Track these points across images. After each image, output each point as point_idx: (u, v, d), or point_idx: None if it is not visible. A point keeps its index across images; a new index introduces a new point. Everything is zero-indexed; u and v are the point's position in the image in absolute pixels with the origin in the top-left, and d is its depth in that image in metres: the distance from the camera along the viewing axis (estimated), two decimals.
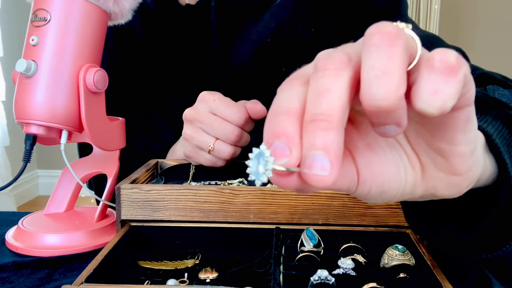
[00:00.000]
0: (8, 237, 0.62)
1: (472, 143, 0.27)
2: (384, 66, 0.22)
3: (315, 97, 0.24)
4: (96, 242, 0.61)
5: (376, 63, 0.22)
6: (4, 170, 2.51)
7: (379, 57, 0.22)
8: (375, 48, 0.23)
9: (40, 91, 0.58)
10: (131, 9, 0.64)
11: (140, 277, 0.50)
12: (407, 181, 0.29)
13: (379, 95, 0.22)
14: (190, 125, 0.65)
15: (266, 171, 0.24)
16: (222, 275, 0.49)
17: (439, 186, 0.29)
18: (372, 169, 0.28)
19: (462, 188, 0.29)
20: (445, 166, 0.28)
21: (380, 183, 0.28)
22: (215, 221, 0.55)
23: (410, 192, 0.29)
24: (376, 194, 0.29)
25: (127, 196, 0.54)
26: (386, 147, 0.29)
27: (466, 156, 0.27)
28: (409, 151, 0.29)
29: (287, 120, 0.24)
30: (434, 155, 0.28)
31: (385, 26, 0.23)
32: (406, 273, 0.46)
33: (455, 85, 0.23)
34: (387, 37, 0.23)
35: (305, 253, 0.49)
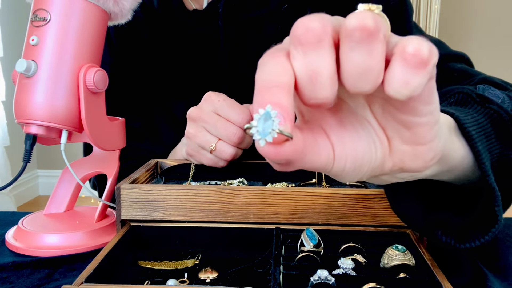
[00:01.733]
0: (8, 237, 0.62)
1: (435, 114, 0.29)
2: (366, 63, 0.24)
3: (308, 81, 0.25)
4: (96, 242, 0.61)
5: (358, 60, 0.24)
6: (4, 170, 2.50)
7: (361, 55, 0.24)
8: (357, 45, 0.24)
9: (40, 91, 0.58)
10: (131, 9, 0.64)
11: (140, 277, 0.50)
12: (377, 156, 0.30)
13: (363, 88, 0.25)
14: (193, 123, 0.65)
15: (272, 131, 0.24)
16: (222, 275, 0.49)
17: (405, 159, 0.30)
18: (345, 145, 0.29)
19: (427, 159, 0.30)
20: (409, 137, 0.29)
21: (354, 158, 0.29)
22: (215, 221, 0.55)
23: (380, 166, 0.31)
24: (350, 170, 0.30)
25: (127, 196, 0.54)
26: (357, 123, 0.30)
27: (429, 126, 0.29)
28: (376, 127, 0.30)
29: (281, 94, 0.24)
30: (399, 128, 0.29)
31: (364, 20, 0.23)
32: (406, 273, 0.46)
33: (425, 75, 0.25)
34: (367, 33, 0.23)
35: (305, 253, 0.49)
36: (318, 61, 0.25)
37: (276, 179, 0.66)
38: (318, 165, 0.29)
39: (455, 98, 0.41)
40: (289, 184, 0.65)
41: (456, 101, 0.40)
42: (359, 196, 0.53)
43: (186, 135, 0.66)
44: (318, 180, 0.67)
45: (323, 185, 0.66)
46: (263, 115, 0.25)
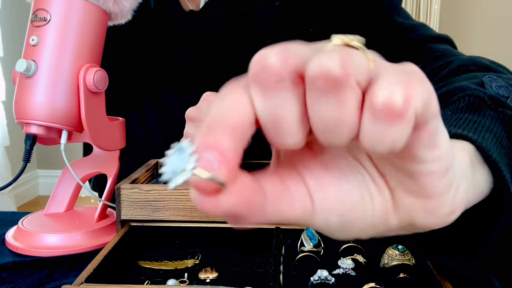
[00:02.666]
0: (8, 237, 0.62)
1: (444, 160, 0.23)
2: (335, 117, 0.20)
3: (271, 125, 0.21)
4: (96, 242, 0.61)
5: (326, 113, 0.20)
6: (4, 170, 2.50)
7: (328, 107, 0.20)
8: (322, 95, 0.20)
9: (40, 91, 0.58)
10: (131, 9, 0.64)
11: (140, 277, 0.50)
12: (375, 210, 0.25)
13: (336, 142, 0.21)
14: (192, 124, 0.65)
15: (184, 170, 0.20)
16: (222, 275, 0.49)
17: (415, 215, 0.24)
18: (327, 194, 0.24)
19: (442, 215, 0.24)
20: (415, 188, 0.24)
21: (340, 211, 0.24)
22: (215, 221, 0.55)
23: (383, 223, 0.25)
24: (339, 225, 0.25)
25: (127, 196, 0.54)
26: (347, 168, 0.25)
27: (439, 174, 0.23)
28: (374, 173, 0.25)
29: (224, 134, 0.20)
30: (402, 176, 0.24)
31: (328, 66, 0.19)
32: (406, 273, 0.46)
33: (403, 127, 0.20)
34: (332, 83, 0.19)
35: (305, 253, 0.49)
36: (280, 104, 0.21)
37: None
38: (290, 218, 0.24)
39: (465, 102, 0.36)
40: None
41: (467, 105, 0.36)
42: None
43: (185, 136, 0.66)
44: None
45: None
46: (176, 150, 0.20)
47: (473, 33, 2.68)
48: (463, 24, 2.68)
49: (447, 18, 2.64)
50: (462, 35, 2.67)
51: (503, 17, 2.65)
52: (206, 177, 0.19)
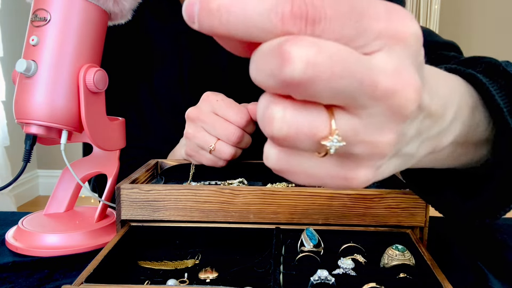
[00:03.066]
0: (8, 237, 0.62)
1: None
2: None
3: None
4: (96, 242, 0.61)
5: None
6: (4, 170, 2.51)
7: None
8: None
9: (40, 91, 0.58)
10: (131, 9, 0.64)
11: (140, 277, 0.50)
12: None
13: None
14: (192, 124, 0.65)
15: None
16: (222, 275, 0.49)
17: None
18: None
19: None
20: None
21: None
22: (215, 221, 0.55)
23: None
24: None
25: (127, 196, 0.54)
26: None
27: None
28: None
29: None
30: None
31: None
32: (406, 273, 0.46)
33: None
34: None
35: (305, 253, 0.49)
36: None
37: (276, 179, 0.66)
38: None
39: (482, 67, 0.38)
40: (289, 184, 0.65)
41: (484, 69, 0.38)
42: (359, 196, 0.53)
43: (185, 136, 0.66)
44: None
45: None
46: None
47: (473, 33, 2.68)
48: (463, 24, 2.68)
49: (447, 18, 2.64)
50: (462, 35, 2.67)
51: (503, 17, 2.65)
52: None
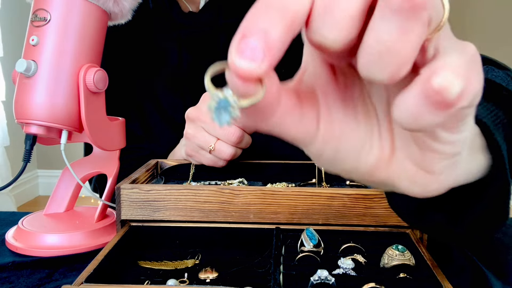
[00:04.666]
0: (8, 237, 0.62)
1: (457, 146, 0.23)
2: (393, 41, 0.18)
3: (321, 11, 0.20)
4: (96, 242, 0.61)
5: (384, 34, 0.18)
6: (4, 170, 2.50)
7: (390, 28, 0.18)
8: (390, 14, 0.18)
9: (40, 91, 0.58)
10: (131, 9, 0.64)
11: (140, 277, 0.49)
12: (368, 160, 0.25)
13: (377, 74, 0.19)
14: (192, 124, 0.65)
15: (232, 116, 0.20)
16: (222, 275, 0.49)
17: (402, 178, 0.24)
18: (334, 128, 0.24)
19: (428, 189, 0.25)
20: (418, 158, 0.23)
21: (337, 148, 0.24)
22: (215, 221, 0.54)
23: (368, 173, 0.25)
24: (329, 159, 0.25)
25: (127, 196, 0.54)
26: (362, 113, 0.24)
27: (444, 156, 0.23)
28: (385, 129, 0.24)
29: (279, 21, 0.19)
30: (410, 143, 0.23)
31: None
32: (406, 273, 0.46)
33: (443, 117, 0.19)
34: (409, 4, 0.18)
35: (305, 253, 0.49)
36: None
37: (276, 179, 0.66)
38: (291, 135, 0.23)
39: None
40: (289, 184, 0.65)
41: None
42: (359, 196, 0.53)
43: (185, 136, 0.66)
44: (318, 180, 0.67)
45: (323, 185, 0.66)
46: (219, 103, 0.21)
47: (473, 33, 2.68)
48: (463, 24, 2.68)
49: None
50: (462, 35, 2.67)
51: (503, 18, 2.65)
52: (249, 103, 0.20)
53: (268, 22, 0.18)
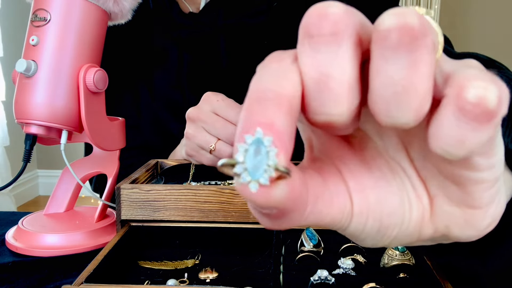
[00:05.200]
0: (8, 237, 0.62)
1: (497, 168, 0.20)
2: (406, 79, 0.17)
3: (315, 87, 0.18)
4: (96, 242, 0.61)
5: (394, 75, 0.17)
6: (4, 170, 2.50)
7: (398, 67, 0.17)
8: (393, 53, 0.17)
9: (40, 91, 0.58)
10: (131, 9, 0.64)
11: (140, 277, 0.50)
12: (412, 218, 0.22)
13: (400, 118, 0.18)
14: (192, 124, 0.65)
15: (268, 168, 0.17)
16: (222, 275, 0.49)
17: (452, 225, 0.22)
18: (368, 196, 0.22)
19: (481, 228, 0.22)
20: (460, 197, 0.21)
21: (378, 215, 0.22)
22: (215, 221, 0.54)
23: (416, 232, 0.23)
24: (373, 230, 0.22)
25: (127, 196, 0.54)
26: (387, 170, 0.22)
27: (488, 184, 0.21)
28: (414, 178, 0.22)
29: (278, 110, 0.17)
30: (446, 183, 0.21)
31: (406, 17, 0.16)
32: (406, 273, 0.46)
33: (489, 132, 0.17)
34: (409, 36, 0.16)
35: (305, 253, 0.49)
36: (331, 60, 0.18)
37: None
38: (327, 220, 0.21)
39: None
40: None
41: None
42: None
43: (185, 136, 0.66)
44: None
45: None
46: (253, 145, 0.17)
47: (473, 34, 2.68)
48: (463, 24, 2.68)
49: (447, 18, 2.64)
50: (462, 35, 2.67)
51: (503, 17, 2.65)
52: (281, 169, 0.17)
53: (268, 114, 0.17)
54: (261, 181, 0.17)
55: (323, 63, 0.18)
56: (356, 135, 0.23)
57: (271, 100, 0.17)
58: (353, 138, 0.23)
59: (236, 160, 0.17)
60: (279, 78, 0.18)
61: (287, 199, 0.18)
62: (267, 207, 0.18)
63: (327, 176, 0.22)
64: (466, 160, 0.19)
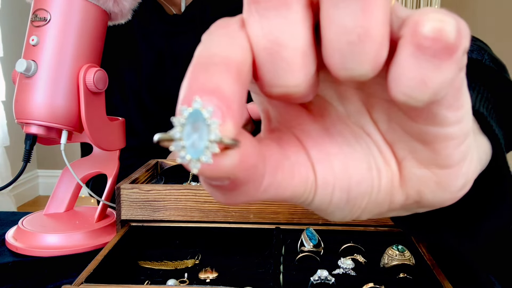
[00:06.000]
0: (8, 237, 0.62)
1: (466, 122, 0.19)
2: (360, 24, 0.16)
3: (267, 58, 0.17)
4: (96, 242, 0.61)
5: (346, 20, 0.16)
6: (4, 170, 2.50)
7: (350, 12, 0.15)
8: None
9: (40, 91, 0.58)
10: (131, 9, 0.64)
11: (140, 277, 0.50)
12: (381, 185, 0.21)
13: (357, 68, 0.16)
14: None
15: (210, 144, 0.15)
16: (222, 275, 0.49)
17: (424, 189, 0.21)
18: (332, 165, 0.20)
19: (454, 189, 0.21)
20: (429, 157, 0.20)
21: (346, 184, 0.20)
22: (215, 221, 0.55)
23: (387, 200, 0.21)
24: (342, 202, 0.21)
25: (127, 196, 0.54)
26: (350, 136, 0.21)
27: (458, 140, 0.19)
28: (380, 142, 0.21)
29: (224, 74, 0.16)
30: (414, 143, 0.20)
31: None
32: (406, 273, 0.46)
33: (452, 68, 0.16)
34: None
35: (305, 253, 0.49)
36: (281, 26, 0.16)
37: None
38: (289, 193, 0.19)
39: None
40: None
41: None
42: None
43: None
44: None
45: None
46: (190, 117, 0.15)
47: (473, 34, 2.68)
48: None
49: None
50: None
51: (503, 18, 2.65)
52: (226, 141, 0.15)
53: (214, 79, 0.15)
54: (202, 159, 0.15)
55: (273, 30, 0.16)
56: (315, 102, 0.21)
57: (218, 65, 0.16)
58: (312, 105, 0.21)
59: (173, 136, 0.15)
60: (226, 43, 0.17)
61: (238, 169, 0.16)
62: (216, 178, 0.16)
63: (286, 146, 0.20)
64: (432, 114, 0.18)
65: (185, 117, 0.15)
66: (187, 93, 0.15)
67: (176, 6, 0.83)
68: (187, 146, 0.15)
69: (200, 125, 0.15)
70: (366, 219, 0.22)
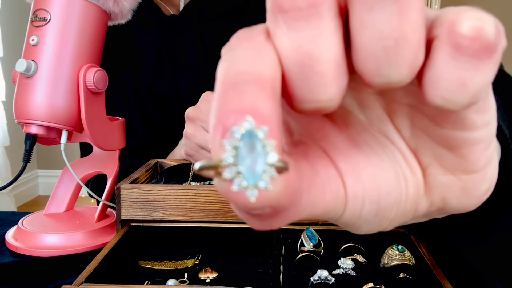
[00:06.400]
0: (8, 237, 0.62)
1: (492, 126, 0.18)
2: (397, 30, 0.15)
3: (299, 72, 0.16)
4: (96, 242, 0.61)
5: (383, 26, 0.15)
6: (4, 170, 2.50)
7: (386, 16, 0.15)
8: (378, 3, 0.14)
9: (40, 91, 0.58)
10: (131, 9, 0.64)
11: (140, 277, 0.50)
12: (409, 194, 0.20)
13: (392, 76, 0.15)
14: (192, 123, 0.66)
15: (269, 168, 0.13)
16: (222, 275, 0.49)
17: (449, 196, 0.20)
18: (361, 176, 0.19)
19: (479, 194, 0.20)
20: (456, 163, 0.19)
21: (375, 196, 0.19)
22: (215, 221, 0.55)
23: (413, 209, 0.21)
24: (371, 215, 0.20)
25: (127, 196, 0.54)
26: (376, 145, 0.20)
27: (484, 145, 0.19)
28: (405, 151, 0.20)
29: (262, 94, 0.14)
30: (439, 149, 0.19)
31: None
32: (406, 273, 0.46)
33: (491, 68, 0.15)
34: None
35: (305, 253, 0.49)
36: (313, 38, 0.15)
37: None
38: (320, 210, 0.18)
39: None
40: None
41: None
42: None
43: (184, 135, 0.67)
44: None
45: None
46: (245, 139, 0.13)
47: None
48: None
49: None
50: None
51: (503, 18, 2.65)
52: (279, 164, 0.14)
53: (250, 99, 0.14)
54: (261, 185, 0.13)
55: (304, 43, 0.15)
56: (337, 111, 0.20)
57: (250, 83, 0.14)
58: (334, 115, 0.20)
59: (225, 161, 0.13)
60: (254, 58, 0.15)
61: (284, 196, 0.15)
62: (260, 208, 0.14)
63: (314, 161, 0.19)
64: (460, 118, 0.17)
65: (238, 138, 0.13)
66: (221, 116, 0.14)
67: (174, 7, 0.83)
68: (243, 172, 0.13)
69: (256, 146, 0.13)
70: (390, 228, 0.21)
